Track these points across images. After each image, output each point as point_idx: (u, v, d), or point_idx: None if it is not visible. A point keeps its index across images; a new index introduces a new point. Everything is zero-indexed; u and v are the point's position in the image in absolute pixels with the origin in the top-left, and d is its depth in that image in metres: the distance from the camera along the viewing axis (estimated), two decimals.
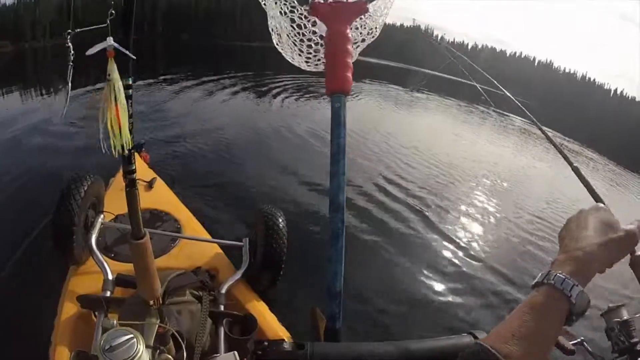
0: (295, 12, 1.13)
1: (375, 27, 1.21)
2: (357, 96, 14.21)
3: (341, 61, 1.01)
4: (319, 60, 1.36)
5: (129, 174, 1.10)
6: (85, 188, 1.98)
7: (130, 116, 0.94)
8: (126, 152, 0.96)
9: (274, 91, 11.94)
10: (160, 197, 2.74)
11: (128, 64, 0.94)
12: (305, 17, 1.12)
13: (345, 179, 1.06)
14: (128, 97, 0.94)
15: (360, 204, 4.74)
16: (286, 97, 11.47)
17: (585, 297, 0.59)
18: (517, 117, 21.34)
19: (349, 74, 1.01)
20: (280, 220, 2.20)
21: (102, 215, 2.18)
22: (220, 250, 2.29)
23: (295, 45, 1.25)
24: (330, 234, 1.10)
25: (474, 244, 4.54)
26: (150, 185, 2.83)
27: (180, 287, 1.67)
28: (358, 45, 1.27)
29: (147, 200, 2.65)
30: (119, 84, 0.88)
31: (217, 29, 42.42)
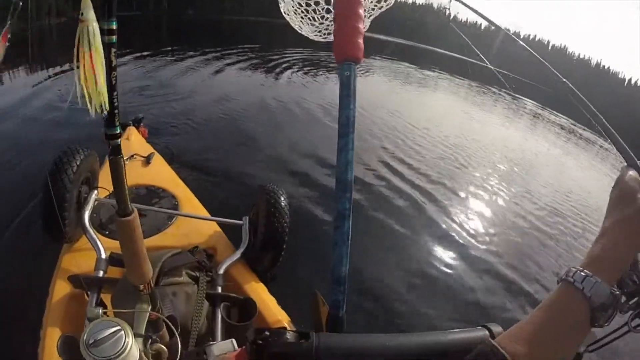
0: None
1: None
2: (366, 72, 14.11)
3: (352, 26, 0.91)
4: (327, 29, 1.26)
5: (111, 138, 0.87)
6: (78, 162, 1.89)
7: (113, 69, 0.76)
8: (104, 111, 0.77)
9: (283, 66, 11.78)
10: (157, 173, 2.66)
11: (112, 3, 0.73)
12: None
13: (354, 155, 0.97)
14: (110, 45, 0.74)
15: (368, 180, 4.70)
16: (294, 72, 11.32)
17: (603, 289, 0.52)
18: (529, 100, 21.21)
19: (360, 40, 0.92)
20: (282, 199, 2.12)
21: (96, 191, 2.10)
22: (218, 229, 2.21)
23: (304, 12, 1.16)
24: (336, 214, 1.00)
25: (482, 229, 4.48)
26: (147, 160, 2.76)
27: (176, 267, 1.60)
28: (373, 9, 1.17)
29: (144, 176, 2.58)
30: (94, 25, 0.69)
31: (225, 3, 41.71)
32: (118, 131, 0.86)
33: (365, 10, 1.07)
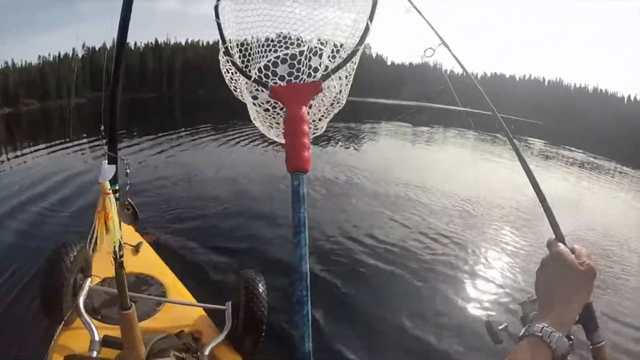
0: (259, 96, 1.21)
1: (337, 101, 1.28)
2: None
3: (299, 142, 1.08)
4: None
5: (118, 258, 1.41)
6: (75, 253, 2.06)
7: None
8: (116, 247, 1.34)
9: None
10: (146, 261, 2.82)
11: (116, 173, 1.13)
12: (268, 101, 1.19)
13: (307, 250, 1.11)
14: (116, 199, 1.28)
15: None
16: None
17: (564, 342, 0.67)
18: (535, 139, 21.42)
19: (307, 153, 1.08)
20: (260, 285, 2.27)
21: (89, 279, 2.24)
22: (204, 313, 2.33)
23: (266, 120, 1.32)
24: (295, 300, 1.12)
25: None
26: (136, 249, 2.94)
27: (164, 349, 1.70)
28: (323, 116, 1.33)
29: (133, 264, 2.73)
30: (110, 197, 1.27)
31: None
32: (122, 258, 1.37)
33: (313, 122, 1.24)
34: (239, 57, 1.32)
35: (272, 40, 1.40)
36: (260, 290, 2.26)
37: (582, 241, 7.13)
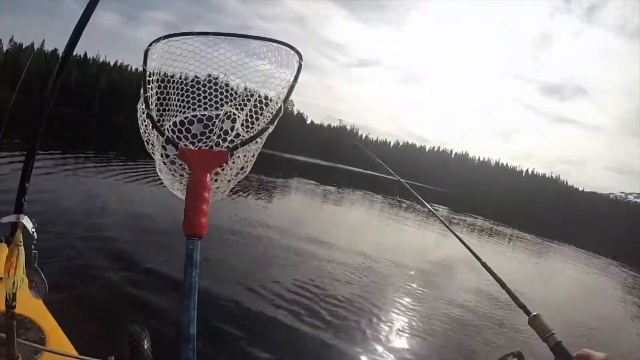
0: (169, 153, 1.23)
1: (242, 171, 1.32)
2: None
3: (198, 207, 1.11)
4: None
5: (11, 308, 1.44)
6: None
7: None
8: (15, 290, 1.39)
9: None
10: (25, 301, 2.51)
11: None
12: (173, 162, 1.21)
13: (195, 314, 1.13)
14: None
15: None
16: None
17: None
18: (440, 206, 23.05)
19: (204, 220, 1.11)
20: (146, 342, 2.16)
21: None
22: None
23: (170, 175, 1.33)
24: None
25: None
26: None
27: None
28: (230, 180, 1.36)
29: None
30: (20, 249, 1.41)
31: None
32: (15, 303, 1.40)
33: (216, 188, 1.28)
34: (157, 106, 1.34)
35: (194, 92, 1.44)
36: (145, 346, 2.15)
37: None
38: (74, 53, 1.69)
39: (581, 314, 8.92)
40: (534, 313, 1.03)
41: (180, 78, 1.45)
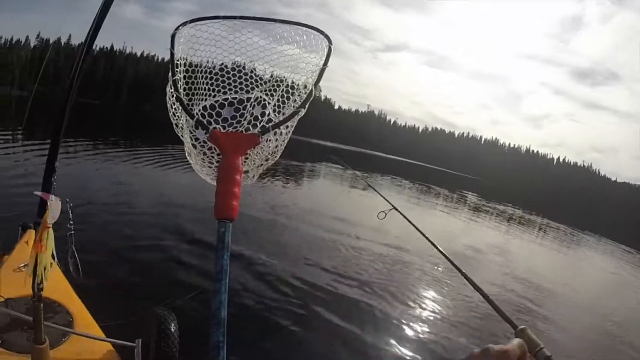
0: (199, 137, 1.21)
1: (273, 155, 1.31)
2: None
3: (230, 191, 1.09)
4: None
5: (39, 292, 1.33)
6: None
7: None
8: (43, 274, 1.29)
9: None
10: (53, 285, 2.58)
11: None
12: (205, 142, 1.20)
13: (227, 297, 1.12)
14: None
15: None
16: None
17: None
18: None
19: (235, 203, 1.09)
20: (173, 325, 2.19)
21: None
22: (112, 349, 2.17)
23: (200, 159, 1.33)
24: (210, 345, 1.12)
25: None
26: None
27: None
28: (257, 167, 1.35)
29: None
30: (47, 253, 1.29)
31: None
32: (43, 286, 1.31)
33: (246, 172, 1.26)
34: (185, 91, 1.33)
35: (222, 77, 1.43)
36: (173, 329, 2.18)
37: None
38: (101, 46, 1.71)
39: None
40: (521, 327, 0.94)
41: (208, 62, 1.44)
